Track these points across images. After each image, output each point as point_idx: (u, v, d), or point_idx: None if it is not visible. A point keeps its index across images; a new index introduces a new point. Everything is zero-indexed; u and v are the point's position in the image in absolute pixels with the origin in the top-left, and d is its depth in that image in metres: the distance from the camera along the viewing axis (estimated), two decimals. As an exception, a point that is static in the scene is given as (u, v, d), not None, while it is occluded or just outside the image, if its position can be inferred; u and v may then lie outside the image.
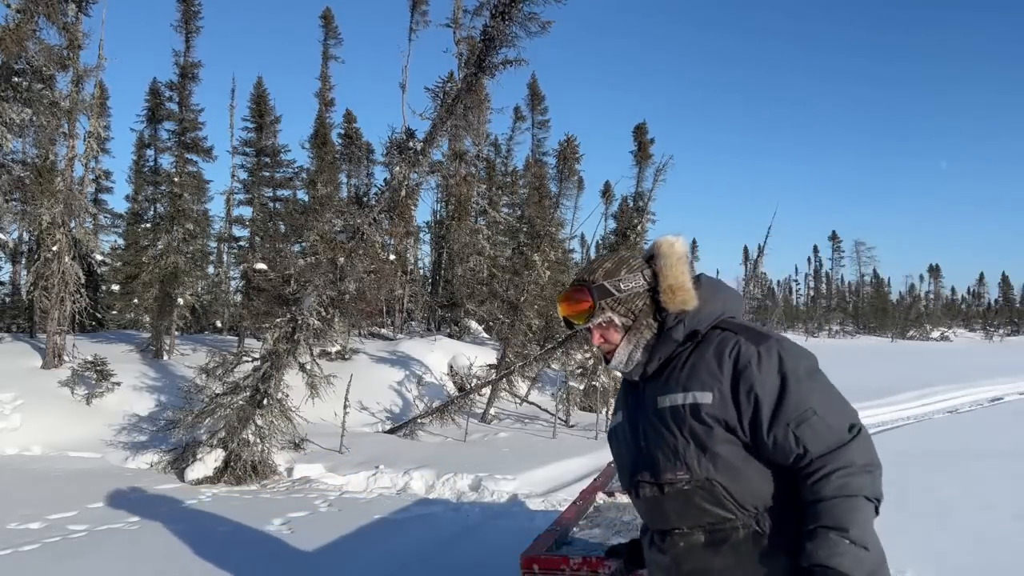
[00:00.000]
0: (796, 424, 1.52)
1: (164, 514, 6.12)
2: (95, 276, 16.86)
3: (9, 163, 10.78)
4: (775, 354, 1.57)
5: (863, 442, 1.53)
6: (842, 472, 1.48)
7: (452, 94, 7.57)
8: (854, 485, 1.48)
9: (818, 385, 1.57)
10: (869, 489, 1.49)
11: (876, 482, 1.51)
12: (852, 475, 1.48)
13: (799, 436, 1.52)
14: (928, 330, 59.73)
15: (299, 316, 7.75)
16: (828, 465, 1.49)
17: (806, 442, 1.51)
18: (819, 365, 1.61)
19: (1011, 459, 8.13)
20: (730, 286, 1.82)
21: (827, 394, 1.57)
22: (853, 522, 1.45)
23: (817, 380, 1.58)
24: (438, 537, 5.50)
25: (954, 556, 4.50)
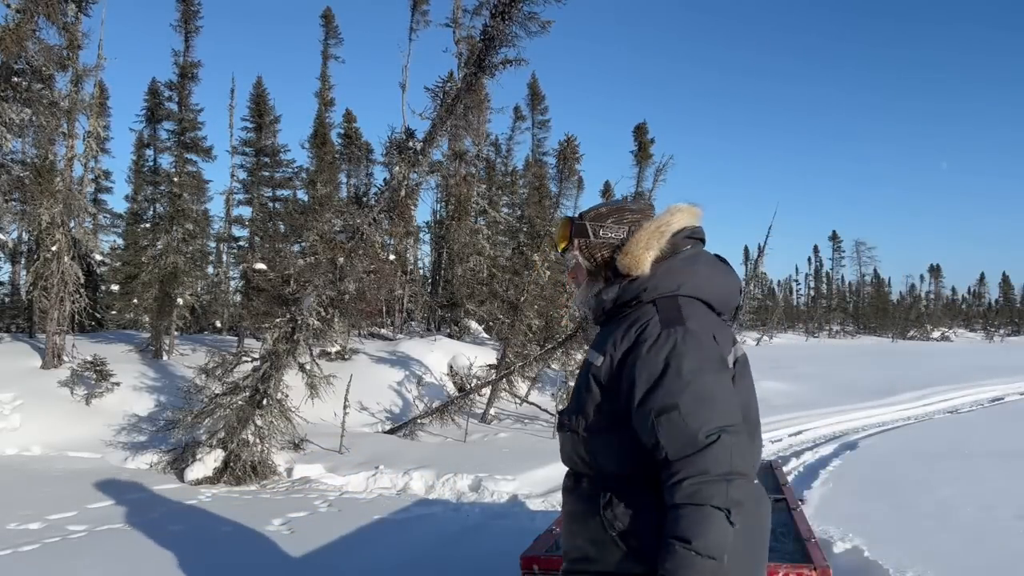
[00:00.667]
0: (657, 414, 1.54)
1: (164, 514, 6.11)
2: (95, 276, 16.84)
3: (8, 163, 10.77)
4: (672, 341, 1.59)
5: (720, 450, 1.50)
6: (693, 480, 1.48)
7: (452, 94, 7.56)
8: (703, 494, 1.47)
9: (697, 386, 1.55)
10: (720, 499, 1.47)
11: (730, 491, 1.49)
12: (704, 484, 1.48)
13: (657, 427, 1.54)
14: (928, 330, 59.71)
15: (299, 316, 7.74)
16: (681, 471, 1.50)
17: (661, 436, 1.53)
18: (719, 369, 1.60)
19: (1011, 459, 8.12)
20: (719, 269, 1.80)
21: (701, 397, 1.55)
22: (699, 533, 1.45)
23: (699, 381, 1.56)
24: (438, 537, 5.49)
25: (955, 556, 4.49)
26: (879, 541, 4.75)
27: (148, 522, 5.81)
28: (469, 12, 18.17)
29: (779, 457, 9.17)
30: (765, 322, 45.83)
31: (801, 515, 3.21)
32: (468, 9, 18.56)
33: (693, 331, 1.61)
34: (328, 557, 5.00)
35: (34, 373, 10.72)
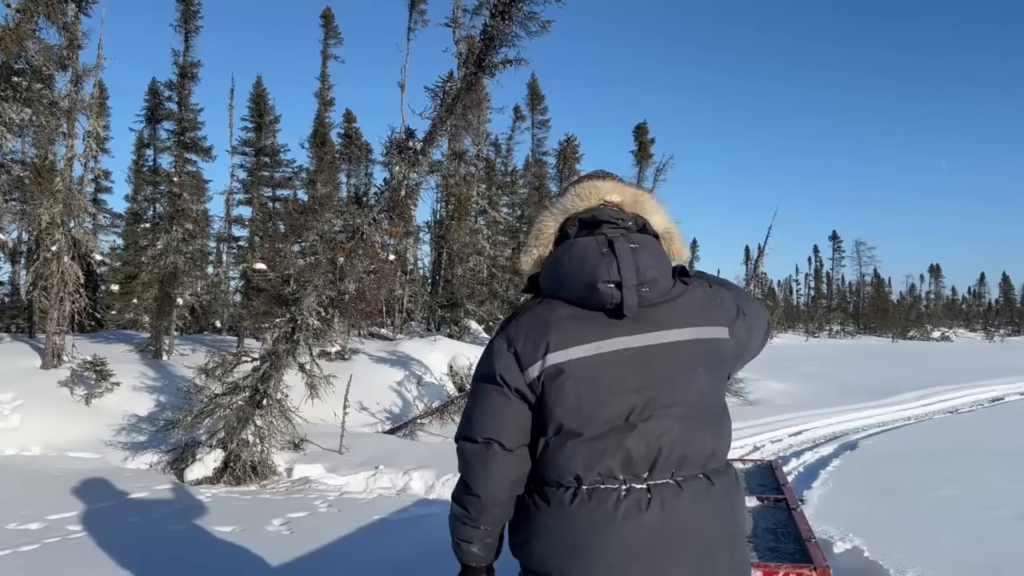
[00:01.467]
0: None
1: (163, 514, 6.11)
2: (94, 276, 16.86)
3: (8, 163, 10.76)
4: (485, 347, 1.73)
5: (459, 453, 1.69)
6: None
7: (452, 94, 7.56)
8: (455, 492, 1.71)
9: (473, 390, 1.73)
10: (455, 492, 1.70)
11: (459, 488, 1.68)
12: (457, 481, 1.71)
13: None
14: (929, 330, 59.69)
15: (298, 316, 7.74)
16: None
17: None
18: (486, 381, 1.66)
19: (1012, 459, 8.12)
20: (585, 260, 1.58)
21: (472, 401, 1.71)
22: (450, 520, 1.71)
23: (475, 386, 1.72)
24: (438, 537, 5.48)
25: (955, 556, 4.48)
26: (879, 541, 4.75)
27: (148, 522, 5.81)
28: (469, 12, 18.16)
29: (779, 457, 9.17)
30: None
31: (801, 515, 3.20)
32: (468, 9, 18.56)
33: (493, 343, 1.69)
34: (328, 557, 4.99)
35: (34, 373, 10.72)
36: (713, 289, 1.73)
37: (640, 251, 1.59)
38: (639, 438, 1.54)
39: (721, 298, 1.72)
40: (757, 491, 3.68)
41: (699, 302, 1.67)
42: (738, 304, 1.75)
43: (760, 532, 3.03)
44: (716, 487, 1.57)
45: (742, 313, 1.74)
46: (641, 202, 1.70)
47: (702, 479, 1.56)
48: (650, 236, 1.66)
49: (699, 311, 1.65)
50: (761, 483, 3.94)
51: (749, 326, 1.77)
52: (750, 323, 1.77)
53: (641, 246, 1.60)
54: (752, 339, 1.80)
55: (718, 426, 1.63)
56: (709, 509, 1.55)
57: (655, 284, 1.58)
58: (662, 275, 1.60)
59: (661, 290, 1.61)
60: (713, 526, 1.56)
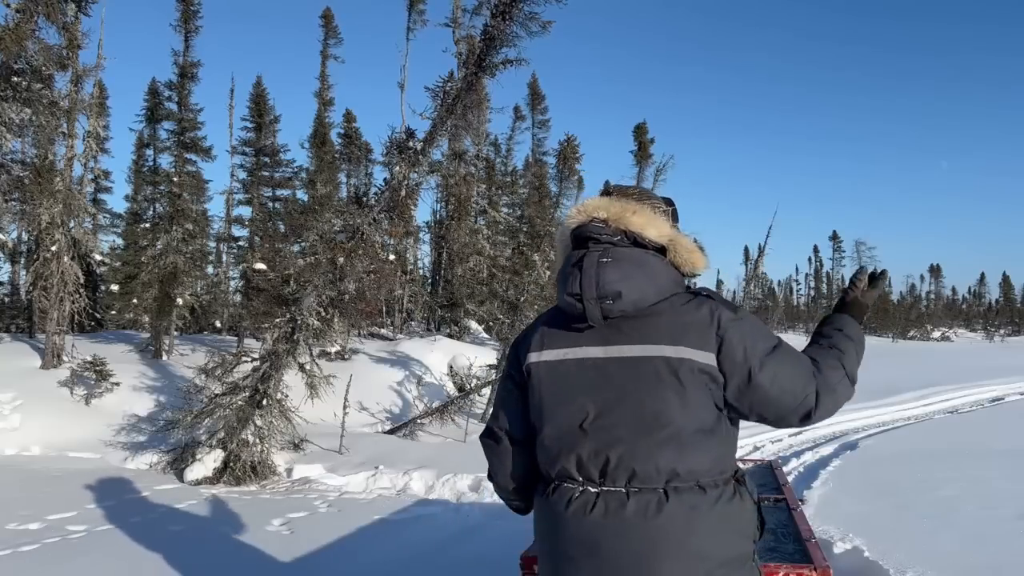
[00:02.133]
0: None
1: (163, 514, 6.11)
2: (94, 276, 16.87)
3: (8, 163, 10.76)
4: None
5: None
6: None
7: (452, 94, 7.55)
8: None
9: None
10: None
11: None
12: None
13: None
14: (929, 330, 59.70)
15: (298, 316, 7.74)
16: None
17: None
18: (501, 380, 1.91)
19: (1012, 459, 8.11)
20: (568, 274, 1.71)
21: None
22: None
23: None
24: (438, 537, 5.49)
25: (955, 556, 4.48)
26: (879, 541, 4.75)
27: (148, 522, 5.81)
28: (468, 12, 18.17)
29: (779, 457, 9.17)
30: (765, 322, 45.88)
31: (801, 515, 3.20)
32: (467, 9, 18.56)
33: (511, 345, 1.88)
34: (328, 557, 4.99)
35: (34, 373, 10.72)
36: (714, 313, 1.63)
37: (610, 265, 1.63)
38: (590, 444, 1.62)
39: (723, 324, 1.62)
40: (757, 491, 3.67)
41: (683, 321, 1.62)
42: (745, 344, 1.62)
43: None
44: (671, 506, 1.56)
45: (746, 351, 1.62)
46: (626, 217, 1.71)
47: (656, 494, 1.57)
48: (638, 250, 1.68)
49: (679, 330, 1.61)
50: (761, 483, 3.94)
51: (754, 367, 1.61)
52: (759, 365, 1.61)
53: (615, 260, 1.64)
54: (763, 384, 1.62)
55: (687, 446, 1.58)
56: (654, 526, 1.55)
57: (619, 297, 1.61)
58: (630, 288, 1.62)
59: (633, 303, 1.63)
60: (654, 543, 1.55)
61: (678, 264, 1.73)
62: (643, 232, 1.70)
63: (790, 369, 1.65)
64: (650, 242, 1.70)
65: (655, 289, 1.65)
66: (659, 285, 1.65)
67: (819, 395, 1.67)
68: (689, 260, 1.73)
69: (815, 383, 1.67)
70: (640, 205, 1.74)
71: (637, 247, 1.69)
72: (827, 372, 1.69)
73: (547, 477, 1.70)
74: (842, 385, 1.71)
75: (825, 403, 1.68)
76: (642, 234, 1.70)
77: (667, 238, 1.72)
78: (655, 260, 1.69)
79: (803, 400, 1.66)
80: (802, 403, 1.66)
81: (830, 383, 1.69)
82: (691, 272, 1.76)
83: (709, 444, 1.61)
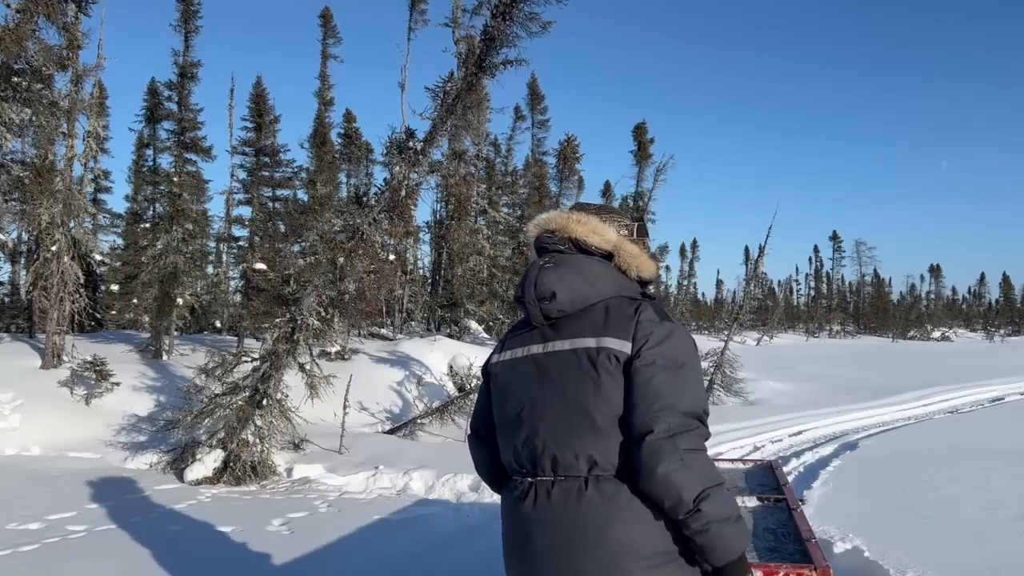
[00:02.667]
0: None
1: (163, 515, 6.11)
2: (94, 276, 16.87)
3: (8, 163, 10.76)
4: None
5: None
6: None
7: (452, 94, 7.55)
8: None
9: None
10: None
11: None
12: None
13: None
14: (929, 330, 59.69)
15: (299, 316, 7.74)
16: None
17: None
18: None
19: (1012, 459, 8.11)
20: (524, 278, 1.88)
21: None
22: None
23: None
24: (438, 538, 5.49)
25: (955, 556, 4.48)
26: (879, 541, 4.75)
27: (148, 522, 5.81)
28: (468, 12, 18.20)
29: (779, 457, 9.17)
30: (765, 322, 45.88)
31: (801, 515, 3.20)
32: (467, 9, 18.58)
33: None
34: (328, 557, 4.99)
35: (34, 373, 10.72)
36: (639, 310, 1.69)
37: (549, 270, 1.78)
38: (522, 435, 1.74)
39: (642, 320, 1.67)
40: (757, 491, 3.68)
41: (607, 315, 1.71)
42: (650, 338, 1.64)
43: (760, 532, 3.03)
44: (590, 494, 1.62)
45: (655, 344, 1.64)
46: (570, 227, 1.83)
47: (577, 483, 1.64)
48: (581, 255, 1.81)
49: (604, 323, 1.70)
50: (761, 483, 3.94)
51: (644, 358, 1.63)
52: (653, 356, 1.63)
53: (555, 265, 1.79)
54: (640, 373, 1.62)
55: (604, 435, 1.62)
56: (575, 514, 1.62)
57: (553, 298, 1.74)
58: (563, 289, 1.74)
59: (570, 303, 1.75)
60: (575, 532, 1.61)
61: (624, 269, 1.83)
62: (587, 239, 1.82)
63: (670, 385, 1.60)
64: (595, 248, 1.82)
65: (593, 291, 1.76)
66: (597, 287, 1.77)
67: (673, 436, 1.55)
68: (633, 264, 1.83)
69: (684, 425, 1.58)
70: (588, 216, 1.86)
71: (583, 253, 1.82)
72: (697, 450, 1.58)
73: (506, 471, 1.83)
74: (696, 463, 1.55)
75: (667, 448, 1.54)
76: (586, 241, 1.82)
77: (611, 244, 1.83)
78: (596, 265, 1.81)
79: (654, 415, 1.57)
80: (651, 417, 1.57)
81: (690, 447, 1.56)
82: (640, 277, 1.85)
83: (623, 437, 1.64)
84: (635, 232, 1.92)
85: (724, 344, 16.31)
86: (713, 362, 15.74)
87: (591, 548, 1.60)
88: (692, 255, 56.52)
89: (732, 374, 15.73)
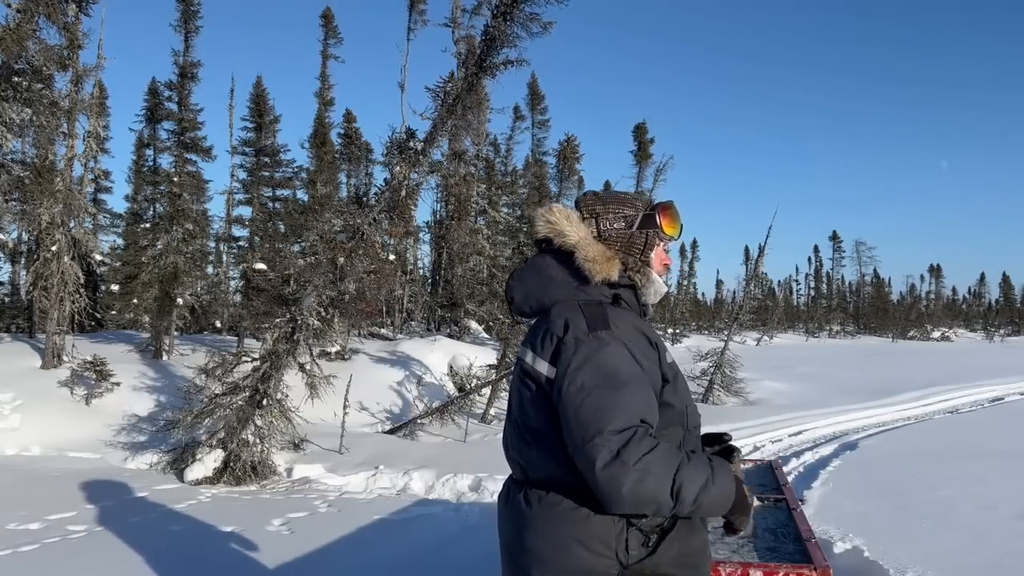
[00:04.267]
0: None
1: (163, 514, 6.11)
2: (94, 276, 16.86)
3: (8, 163, 10.76)
4: None
5: None
6: None
7: (452, 94, 7.55)
8: None
9: None
10: None
11: None
12: None
13: None
14: (929, 330, 59.60)
15: (299, 316, 7.74)
16: None
17: None
18: None
19: (1012, 459, 8.12)
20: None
21: None
22: None
23: None
24: (438, 537, 5.49)
25: (955, 556, 4.48)
26: (879, 541, 4.75)
27: (148, 522, 5.81)
28: (468, 12, 18.19)
29: (779, 457, 9.17)
30: (765, 322, 45.85)
31: (801, 515, 3.20)
32: (467, 9, 18.57)
33: None
34: (328, 557, 4.99)
35: (34, 373, 10.72)
36: (568, 324, 1.65)
37: (519, 272, 1.83)
38: (507, 438, 1.85)
39: (567, 340, 1.63)
40: (757, 491, 3.68)
41: (548, 328, 1.71)
42: (573, 359, 1.60)
43: (760, 532, 3.03)
44: (533, 502, 1.69)
45: (578, 366, 1.59)
46: (538, 225, 1.82)
47: (523, 489, 1.73)
48: (545, 256, 1.80)
49: (539, 336, 1.73)
50: (761, 483, 3.94)
51: (576, 382, 1.58)
52: (580, 379, 1.58)
53: (526, 267, 1.84)
54: (566, 401, 1.58)
55: (545, 449, 1.68)
56: (521, 519, 1.71)
57: (513, 302, 1.81)
58: (519, 292, 1.80)
59: (528, 306, 1.81)
60: (519, 534, 1.71)
61: (581, 270, 1.74)
62: (551, 238, 1.79)
63: (600, 406, 1.52)
64: (560, 247, 1.78)
65: (545, 295, 1.77)
66: (550, 291, 1.76)
67: (617, 455, 1.47)
68: (586, 268, 1.73)
69: (623, 440, 1.49)
70: (559, 213, 1.79)
71: (556, 252, 1.79)
72: (645, 453, 1.48)
73: None
74: (651, 465, 1.47)
75: (618, 471, 1.46)
76: (551, 240, 1.79)
77: (571, 244, 1.76)
78: (552, 265, 1.77)
79: (592, 444, 1.49)
80: (591, 447, 1.50)
81: (638, 455, 1.47)
82: (595, 279, 1.72)
83: (548, 449, 1.67)
84: (636, 223, 1.80)
85: (724, 344, 16.30)
86: (713, 362, 15.75)
87: (517, 554, 1.72)
88: (692, 255, 56.50)
89: (732, 374, 15.73)
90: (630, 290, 1.80)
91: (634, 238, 1.80)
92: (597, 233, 1.78)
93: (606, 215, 1.80)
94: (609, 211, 1.80)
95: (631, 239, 1.80)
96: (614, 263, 1.75)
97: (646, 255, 1.82)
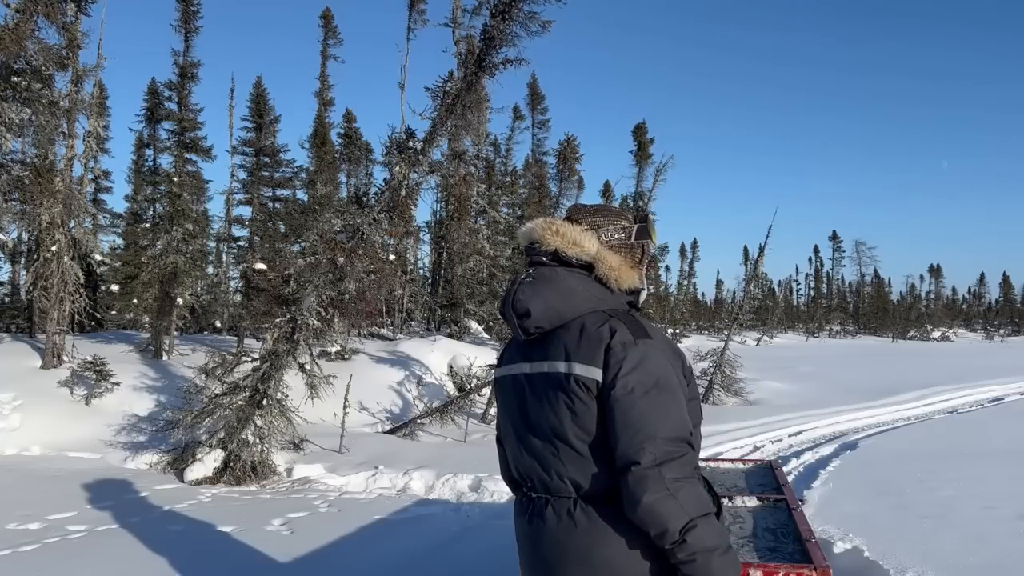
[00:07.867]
0: None
1: (163, 515, 6.11)
2: (94, 276, 16.85)
3: (8, 163, 10.76)
4: None
5: None
6: None
7: (452, 94, 7.55)
8: None
9: None
10: None
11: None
12: None
13: None
14: (929, 330, 59.63)
15: (299, 316, 7.74)
16: None
17: None
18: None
19: (1012, 459, 8.11)
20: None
21: None
22: None
23: None
24: (438, 538, 5.49)
25: (955, 556, 4.48)
26: (879, 541, 4.75)
27: (148, 522, 5.81)
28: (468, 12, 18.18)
29: (779, 457, 9.17)
30: (765, 322, 45.86)
31: (801, 515, 3.20)
32: (467, 9, 18.58)
33: None
34: (328, 557, 4.99)
35: (34, 373, 10.72)
36: (613, 331, 1.64)
37: (527, 284, 1.76)
38: (511, 454, 1.85)
39: (614, 345, 1.62)
40: (757, 491, 3.68)
41: (581, 337, 1.67)
42: (624, 363, 1.60)
43: (760, 532, 3.03)
44: (577, 516, 1.65)
45: (629, 370, 1.60)
46: (547, 238, 1.79)
47: (567, 503, 1.68)
48: (559, 268, 1.77)
49: (576, 346, 1.67)
50: (761, 483, 3.94)
51: (619, 386, 1.59)
52: (631, 384, 1.59)
53: (535, 280, 1.76)
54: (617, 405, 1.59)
55: (585, 460, 1.65)
56: (564, 533, 1.67)
57: (528, 315, 1.73)
58: (537, 306, 1.72)
59: (547, 320, 1.72)
60: (564, 550, 1.66)
61: (604, 280, 1.76)
62: (565, 251, 1.77)
63: (651, 412, 1.57)
64: (574, 260, 1.76)
65: (568, 307, 1.72)
66: (573, 304, 1.72)
67: (660, 465, 1.53)
68: (612, 277, 1.75)
69: (670, 454, 1.54)
70: (568, 226, 1.79)
71: (563, 265, 1.77)
72: (685, 478, 1.54)
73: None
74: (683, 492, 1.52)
75: (652, 478, 1.51)
76: (565, 253, 1.77)
77: (590, 256, 1.77)
78: (572, 278, 1.75)
79: (638, 446, 1.54)
80: (636, 449, 1.54)
81: (677, 475, 1.53)
82: (620, 287, 1.76)
83: (609, 459, 1.63)
84: (634, 235, 1.84)
85: (724, 344, 16.29)
86: (713, 362, 15.74)
87: (578, 568, 1.65)
88: (692, 255, 56.55)
89: (732, 374, 15.72)
90: (635, 297, 1.85)
91: (634, 248, 1.85)
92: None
93: (606, 227, 1.83)
94: (608, 223, 1.83)
95: (631, 249, 1.84)
96: (636, 271, 1.82)
97: (643, 263, 1.88)
